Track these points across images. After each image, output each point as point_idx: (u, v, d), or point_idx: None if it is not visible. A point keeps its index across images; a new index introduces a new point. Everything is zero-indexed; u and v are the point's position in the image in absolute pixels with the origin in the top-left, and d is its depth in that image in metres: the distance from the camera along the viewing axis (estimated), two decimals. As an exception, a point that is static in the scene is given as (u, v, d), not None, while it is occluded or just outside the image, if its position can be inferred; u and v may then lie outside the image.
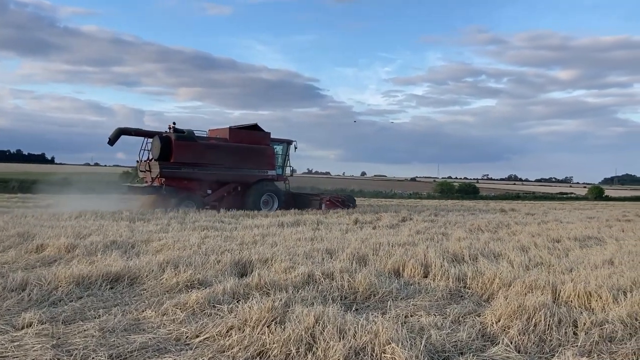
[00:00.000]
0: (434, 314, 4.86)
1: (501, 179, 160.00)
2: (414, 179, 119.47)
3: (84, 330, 4.20)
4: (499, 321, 4.58)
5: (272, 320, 4.31)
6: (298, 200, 20.29)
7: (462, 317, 4.85)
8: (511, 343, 4.08)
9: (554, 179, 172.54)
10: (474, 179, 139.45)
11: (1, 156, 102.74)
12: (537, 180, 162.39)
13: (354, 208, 20.13)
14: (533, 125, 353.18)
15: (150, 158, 17.85)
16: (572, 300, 5.40)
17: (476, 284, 6.22)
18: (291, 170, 21.46)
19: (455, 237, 10.73)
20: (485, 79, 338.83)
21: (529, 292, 5.48)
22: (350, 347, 3.74)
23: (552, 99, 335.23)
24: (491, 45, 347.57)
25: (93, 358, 3.63)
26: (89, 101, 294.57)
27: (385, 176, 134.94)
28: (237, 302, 4.94)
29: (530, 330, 4.35)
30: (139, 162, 18.48)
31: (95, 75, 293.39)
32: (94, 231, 10.03)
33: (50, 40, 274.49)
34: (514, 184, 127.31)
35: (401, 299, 5.54)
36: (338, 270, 6.31)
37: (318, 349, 3.75)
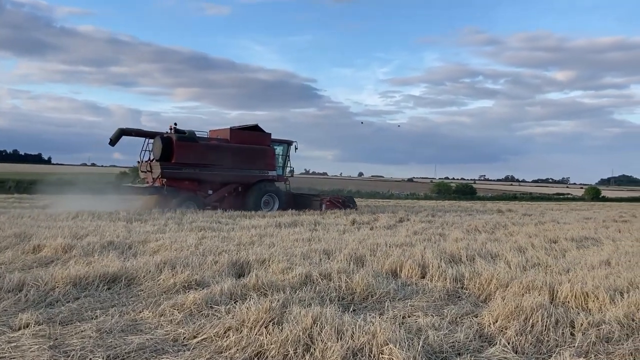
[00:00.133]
0: (431, 315, 4.86)
1: (498, 180, 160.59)
2: (411, 180, 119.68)
3: (81, 331, 4.20)
4: (497, 322, 4.59)
5: (270, 321, 4.30)
6: (298, 201, 20.28)
7: (460, 318, 4.86)
8: (508, 344, 4.09)
9: (550, 180, 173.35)
10: (471, 179, 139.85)
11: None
12: (534, 181, 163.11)
13: (355, 209, 20.11)
14: (530, 126, 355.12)
15: (152, 158, 17.84)
16: (569, 301, 5.41)
17: (473, 284, 6.22)
18: (291, 170, 21.49)
19: (453, 238, 10.75)
20: (482, 80, 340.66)
21: (526, 293, 5.50)
22: (348, 348, 3.74)
23: (549, 99, 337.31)
24: (488, 46, 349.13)
25: (90, 359, 3.63)
26: (86, 101, 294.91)
27: (383, 177, 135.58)
28: (235, 303, 4.93)
29: (528, 330, 4.36)
30: (140, 163, 18.49)
31: (92, 76, 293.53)
32: (91, 232, 10.00)
33: (46, 40, 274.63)
34: (511, 184, 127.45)
35: (399, 299, 5.54)
36: (335, 270, 6.31)
37: (316, 350, 3.76)
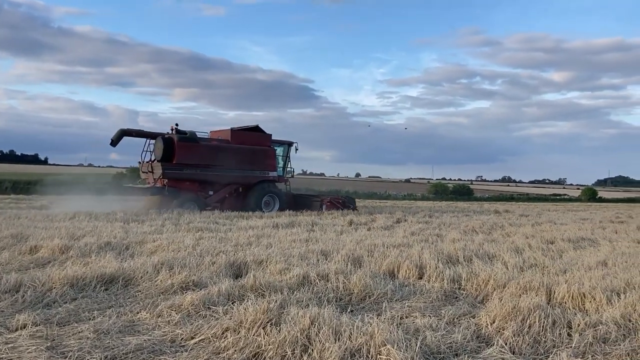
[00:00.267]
0: (429, 316, 4.87)
1: (495, 181, 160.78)
2: (408, 180, 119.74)
3: (79, 332, 4.19)
4: (494, 322, 4.59)
5: (268, 322, 4.30)
6: (299, 202, 20.33)
7: (457, 319, 4.86)
8: (506, 344, 4.09)
9: (547, 181, 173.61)
10: (468, 180, 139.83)
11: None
12: (531, 182, 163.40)
13: (355, 210, 20.12)
14: (527, 127, 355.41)
15: (153, 159, 17.88)
16: (566, 302, 5.42)
17: (471, 285, 6.24)
18: (292, 171, 21.53)
19: (450, 239, 10.76)
20: (480, 81, 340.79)
21: (524, 294, 5.51)
22: (346, 349, 3.74)
23: (546, 100, 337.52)
24: (485, 47, 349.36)
25: (88, 360, 3.62)
26: (83, 102, 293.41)
27: (380, 177, 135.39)
28: (232, 304, 4.93)
29: (525, 331, 4.37)
30: (141, 163, 18.54)
31: (89, 76, 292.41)
32: (88, 232, 9.98)
33: (43, 41, 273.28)
34: (508, 185, 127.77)
35: (396, 300, 5.55)
36: (333, 271, 6.31)
37: (314, 351, 3.76)
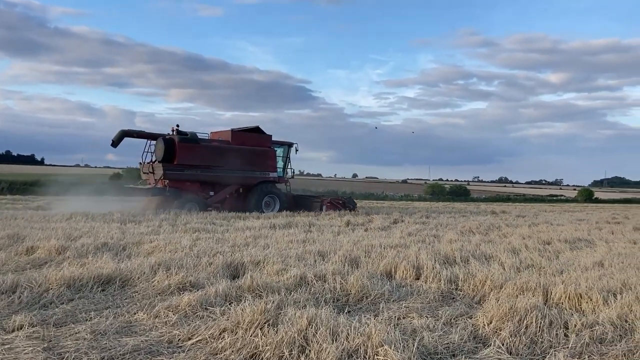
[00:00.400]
0: (426, 316, 4.88)
1: (492, 181, 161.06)
2: (405, 181, 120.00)
3: (76, 333, 4.18)
4: (491, 323, 4.61)
5: (265, 323, 4.30)
6: (299, 202, 20.37)
7: (454, 319, 4.87)
8: (503, 345, 4.10)
9: (544, 182, 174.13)
10: (465, 181, 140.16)
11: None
12: (528, 183, 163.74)
13: (355, 210, 20.14)
14: (523, 128, 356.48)
15: (154, 160, 17.93)
16: (563, 302, 5.44)
17: (468, 286, 6.25)
18: (292, 172, 21.59)
19: (447, 239, 10.78)
20: (476, 82, 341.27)
21: (520, 294, 5.52)
22: (343, 350, 3.74)
23: (543, 101, 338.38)
24: (482, 48, 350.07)
25: (84, 361, 3.61)
26: (80, 102, 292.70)
27: (377, 178, 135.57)
28: (230, 305, 4.92)
29: (522, 332, 4.38)
30: (142, 164, 18.58)
31: (85, 76, 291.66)
32: (84, 233, 9.96)
33: (40, 41, 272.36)
34: (505, 186, 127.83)
35: (393, 301, 5.55)
36: (330, 272, 6.31)
37: (311, 351, 3.76)
